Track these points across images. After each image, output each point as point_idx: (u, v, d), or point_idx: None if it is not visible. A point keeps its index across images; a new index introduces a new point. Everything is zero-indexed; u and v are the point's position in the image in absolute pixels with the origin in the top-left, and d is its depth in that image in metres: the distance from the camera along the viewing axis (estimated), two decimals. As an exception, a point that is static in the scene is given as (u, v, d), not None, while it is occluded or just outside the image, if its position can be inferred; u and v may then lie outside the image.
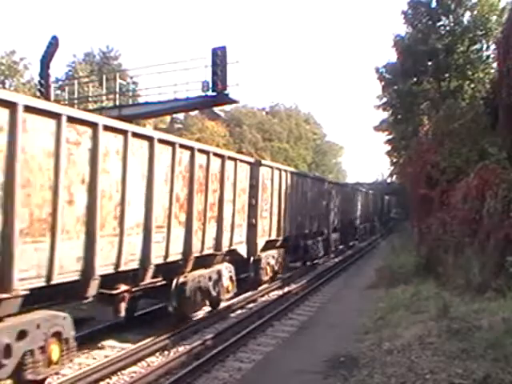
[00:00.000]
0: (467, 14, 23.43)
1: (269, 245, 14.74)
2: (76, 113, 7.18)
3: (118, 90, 18.05)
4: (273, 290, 14.94)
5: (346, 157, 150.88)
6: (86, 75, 37.00)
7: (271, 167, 14.95)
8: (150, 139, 8.51)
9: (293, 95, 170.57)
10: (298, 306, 12.71)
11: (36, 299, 6.42)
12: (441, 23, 23.81)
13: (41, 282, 6.32)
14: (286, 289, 15.15)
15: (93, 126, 7.08)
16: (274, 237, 15.10)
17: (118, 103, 17.64)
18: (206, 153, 10.48)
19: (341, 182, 37.33)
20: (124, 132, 7.82)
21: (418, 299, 9.65)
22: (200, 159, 10.09)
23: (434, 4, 23.68)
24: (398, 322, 8.22)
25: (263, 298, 13.90)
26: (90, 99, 20.29)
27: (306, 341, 8.55)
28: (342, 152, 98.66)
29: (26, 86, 37.32)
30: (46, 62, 17.44)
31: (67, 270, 6.77)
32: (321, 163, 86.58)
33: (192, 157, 9.76)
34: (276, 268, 15.55)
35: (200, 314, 11.35)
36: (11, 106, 5.86)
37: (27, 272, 6.08)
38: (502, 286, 8.75)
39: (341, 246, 25.80)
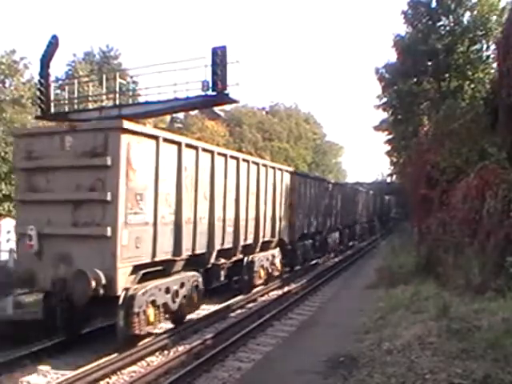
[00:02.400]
0: (467, 14, 23.43)
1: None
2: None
3: (117, 89, 18.00)
4: (272, 290, 14.95)
5: (346, 157, 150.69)
6: (86, 74, 36.91)
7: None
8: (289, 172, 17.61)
9: (293, 95, 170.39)
10: (297, 305, 12.72)
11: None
12: (441, 23, 23.79)
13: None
14: (286, 288, 15.16)
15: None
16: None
17: (117, 103, 17.60)
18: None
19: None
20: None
21: (418, 299, 9.62)
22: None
23: (433, 4, 23.67)
24: (397, 321, 8.21)
25: (263, 298, 13.90)
26: (89, 99, 20.24)
27: (306, 340, 8.54)
28: (342, 152, 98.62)
29: (26, 85, 37.31)
30: (45, 61, 17.41)
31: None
32: (321, 163, 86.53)
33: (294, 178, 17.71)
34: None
35: (202, 313, 11.35)
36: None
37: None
38: (501, 286, 8.73)
39: (340, 247, 25.87)
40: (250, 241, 13.52)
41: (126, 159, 8.12)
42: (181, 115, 60.61)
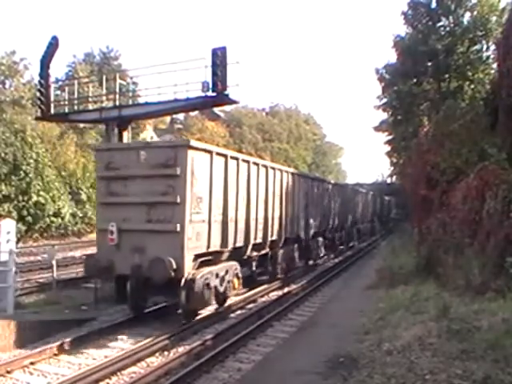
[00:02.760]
0: (467, 15, 23.47)
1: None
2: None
3: (117, 90, 17.99)
4: (273, 291, 14.94)
5: (346, 157, 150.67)
6: (86, 75, 36.95)
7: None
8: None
9: (293, 96, 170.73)
10: (297, 306, 12.70)
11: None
12: (441, 24, 23.82)
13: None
14: (286, 289, 15.14)
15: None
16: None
17: (117, 103, 17.59)
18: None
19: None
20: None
21: (418, 300, 9.62)
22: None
23: (433, 5, 23.70)
24: (397, 322, 8.20)
25: (263, 299, 13.89)
26: (89, 99, 20.25)
27: (306, 341, 8.53)
28: (341, 152, 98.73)
29: (26, 86, 37.33)
30: (45, 62, 17.41)
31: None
32: (321, 164, 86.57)
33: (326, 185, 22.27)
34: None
35: (201, 314, 11.35)
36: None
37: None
38: (501, 286, 8.73)
39: (341, 247, 26.01)
40: (275, 237, 15.16)
41: (190, 170, 10.03)
42: (181, 116, 60.76)
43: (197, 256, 10.36)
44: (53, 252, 13.82)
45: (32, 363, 8.22)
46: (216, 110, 58.95)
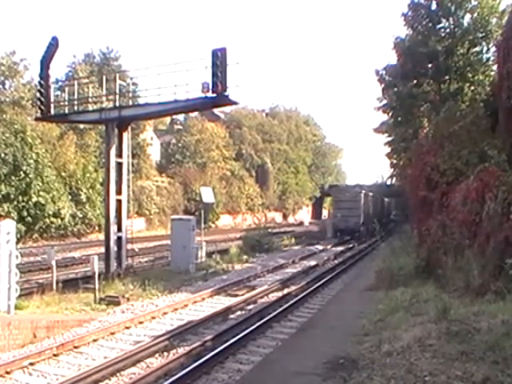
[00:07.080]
0: (467, 17, 23.39)
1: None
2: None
3: (117, 90, 17.96)
4: (272, 292, 14.94)
5: (346, 158, 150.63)
6: (86, 76, 36.96)
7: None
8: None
9: (293, 97, 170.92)
10: (297, 307, 12.70)
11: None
12: (441, 25, 23.76)
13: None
14: (286, 291, 15.15)
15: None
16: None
17: (117, 104, 17.57)
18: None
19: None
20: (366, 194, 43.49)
21: (418, 301, 9.62)
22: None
23: (434, 6, 23.64)
24: (397, 324, 8.20)
25: (263, 300, 13.90)
26: (89, 100, 20.22)
27: (306, 342, 8.53)
28: (341, 154, 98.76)
29: (26, 86, 37.34)
30: (45, 62, 17.38)
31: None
32: (321, 165, 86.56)
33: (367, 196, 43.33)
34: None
35: (201, 315, 11.36)
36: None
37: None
38: (501, 288, 8.73)
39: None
40: (370, 219, 34.66)
41: (362, 199, 37.82)
42: (181, 117, 60.80)
43: (361, 221, 36.32)
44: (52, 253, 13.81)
45: (31, 364, 8.23)
46: (216, 110, 59.00)
